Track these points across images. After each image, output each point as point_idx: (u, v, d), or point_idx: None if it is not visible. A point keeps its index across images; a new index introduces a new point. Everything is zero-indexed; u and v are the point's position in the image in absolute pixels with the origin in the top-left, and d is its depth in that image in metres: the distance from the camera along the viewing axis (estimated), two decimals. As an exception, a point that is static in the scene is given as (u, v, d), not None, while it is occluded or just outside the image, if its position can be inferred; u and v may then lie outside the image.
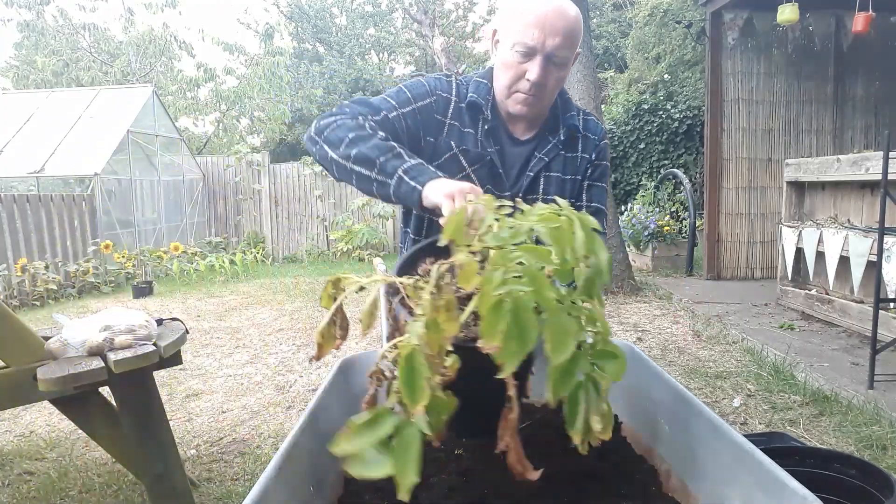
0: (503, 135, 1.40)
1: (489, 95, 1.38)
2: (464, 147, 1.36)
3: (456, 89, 1.39)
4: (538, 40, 1.23)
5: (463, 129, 1.37)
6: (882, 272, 3.04)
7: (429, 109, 1.36)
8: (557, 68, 1.28)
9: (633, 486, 0.89)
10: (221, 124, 14.92)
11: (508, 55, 1.28)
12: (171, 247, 8.02)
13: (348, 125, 1.21)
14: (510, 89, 1.31)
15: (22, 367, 1.73)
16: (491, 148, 1.36)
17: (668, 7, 9.45)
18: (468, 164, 1.36)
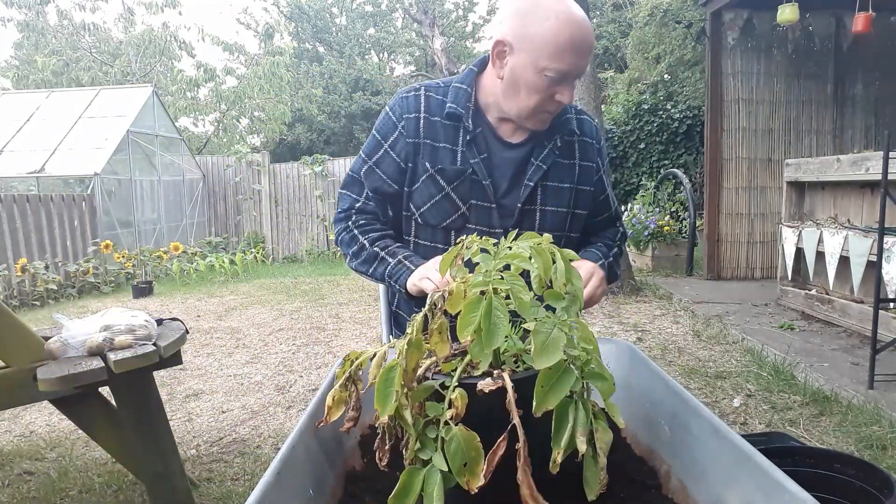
0: (491, 140, 1.33)
1: (469, 102, 1.31)
2: (439, 167, 1.31)
3: (425, 103, 1.33)
4: (572, 64, 1.19)
5: (437, 145, 1.32)
6: (882, 272, 3.04)
7: (399, 140, 1.34)
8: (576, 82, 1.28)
9: (632, 487, 0.89)
10: (221, 124, 14.92)
11: (536, 79, 1.20)
12: (171, 247, 8.02)
13: (345, 240, 1.39)
14: (535, 110, 1.25)
15: (22, 367, 1.73)
16: (475, 158, 1.30)
17: (668, 7, 9.45)
18: (446, 183, 1.31)
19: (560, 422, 0.72)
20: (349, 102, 16.08)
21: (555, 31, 1.16)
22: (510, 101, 1.27)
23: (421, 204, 1.34)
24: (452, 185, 1.31)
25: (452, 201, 1.31)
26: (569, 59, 1.18)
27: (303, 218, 10.10)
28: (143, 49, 14.22)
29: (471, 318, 0.71)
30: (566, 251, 0.83)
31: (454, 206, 1.32)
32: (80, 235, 7.53)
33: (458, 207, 1.32)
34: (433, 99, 1.34)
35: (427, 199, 1.33)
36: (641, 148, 8.61)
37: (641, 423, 1.03)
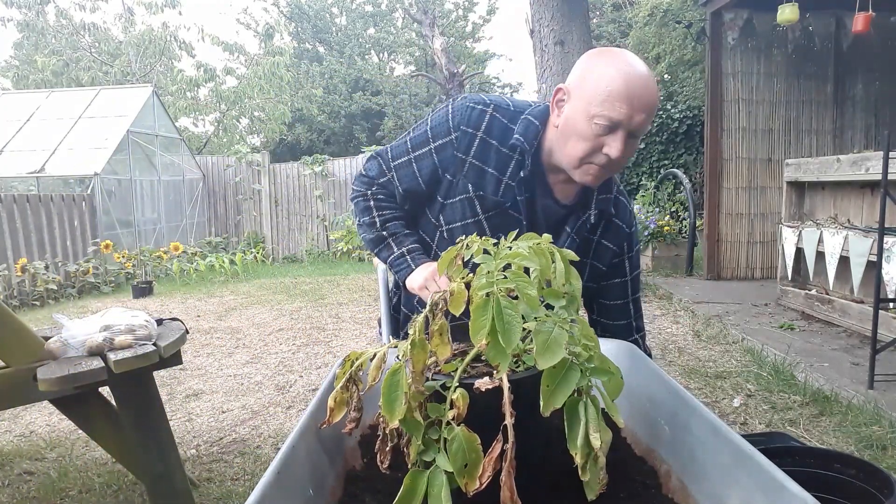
0: (539, 186, 1.30)
1: (536, 139, 1.27)
2: (481, 193, 1.28)
3: (487, 124, 1.28)
4: (625, 115, 1.13)
5: (486, 169, 1.28)
6: (882, 272, 3.04)
7: (447, 147, 1.30)
8: (634, 141, 1.19)
9: (632, 487, 0.89)
10: (221, 124, 14.93)
11: (585, 126, 1.16)
12: (171, 247, 8.02)
13: (361, 207, 1.41)
14: (581, 160, 1.20)
15: (22, 367, 1.73)
16: (521, 196, 1.27)
17: (668, 7, 9.45)
18: (482, 210, 1.29)
19: (572, 421, 0.71)
20: (349, 102, 16.08)
21: (609, 79, 1.14)
22: (561, 150, 1.24)
23: (451, 221, 1.33)
24: (487, 215, 1.30)
25: (483, 229, 1.30)
26: (620, 108, 1.13)
27: (303, 218, 10.10)
28: (143, 49, 14.22)
29: (482, 321, 0.70)
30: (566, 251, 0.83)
31: (483, 232, 1.29)
32: (80, 235, 7.53)
33: (485, 232, 1.30)
34: (497, 121, 1.29)
35: (458, 219, 1.32)
36: (641, 148, 8.61)
37: (641, 423, 1.02)
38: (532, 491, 0.85)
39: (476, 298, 0.73)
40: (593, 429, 0.71)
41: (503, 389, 0.71)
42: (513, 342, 0.70)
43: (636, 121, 1.14)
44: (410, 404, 0.72)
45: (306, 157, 10.15)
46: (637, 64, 1.16)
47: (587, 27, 5.26)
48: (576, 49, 5.11)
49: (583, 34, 5.15)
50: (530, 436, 0.80)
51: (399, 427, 0.73)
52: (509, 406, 0.70)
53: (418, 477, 0.70)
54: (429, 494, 0.69)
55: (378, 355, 0.81)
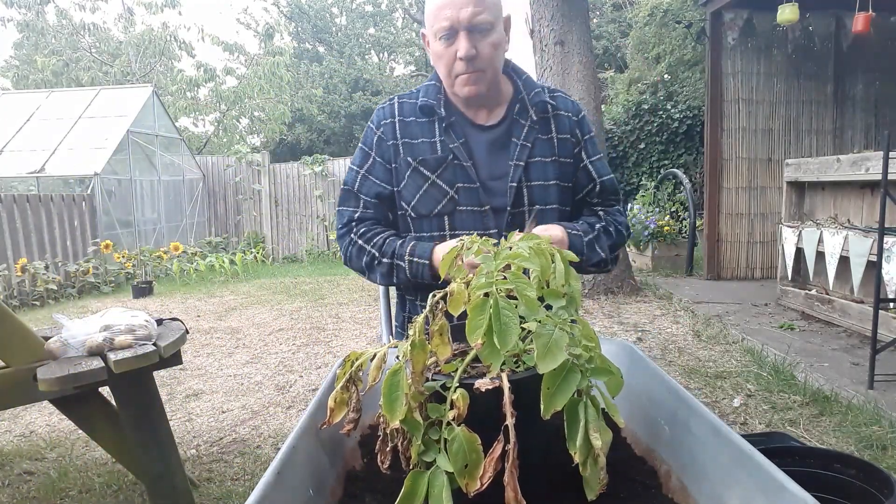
0: (466, 126, 1.39)
1: (440, 94, 1.39)
2: (420, 158, 1.36)
3: (398, 108, 1.42)
4: (451, 17, 1.25)
5: (414, 142, 1.38)
6: (882, 272, 3.04)
7: (381, 144, 1.41)
8: (484, 35, 1.28)
9: (632, 487, 0.89)
10: (221, 124, 14.93)
11: (436, 46, 1.30)
12: (171, 247, 8.02)
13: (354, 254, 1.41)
14: (451, 76, 1.32)
15: (22, 367, 1.73)
16: (454, 143, 1.36)
17: (668, 7, 9.45)
18: (430, 172, 1.36)
19: (572, 422, 0.71)
20: (349, 102, 16.09)
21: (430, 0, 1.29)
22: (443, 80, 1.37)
23: (410, 198, 1.38)
24: (437, 173, 1.36)
25: (439, 188, 1.36)
26: (445, 14, 1.25)
27: (303, 218, 10.10)
28: (143, 49, 14.22)
29: (479, 321, 0.70)
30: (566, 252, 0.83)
31: (442, 192, 1.36)
32: (80, 235, 7.53)
33: (446, 192, 1.35)
34: (406, 103, 1.43)
35: (415, 192, 1.37)
36: (641, 148, 8.61)
37: (641, 423, 1.02)
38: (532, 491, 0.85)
39: (474, 298, 0.73)
40: (593, 429, 0.71)
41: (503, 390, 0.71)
42: (508, 343, 0.70)
43: (465, 17, 1.25)
44: (411, 405, 0.72)
45: (306, 157, 10.15)
46: None
47: (587, 27, 5.26)
48: (576, 49, 5.11)
49: (583, 34, 5.15)
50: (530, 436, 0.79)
51: (399, 427, 0.73)
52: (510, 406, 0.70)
53: (419, 477, 0.70)
54: (430, 495, 0.69)
55: (378, 356, 0.81)
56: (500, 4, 1.31)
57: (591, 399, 0.73)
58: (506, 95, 1.41)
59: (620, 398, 1.10)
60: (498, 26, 1.30)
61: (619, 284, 5.23)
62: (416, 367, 0.74)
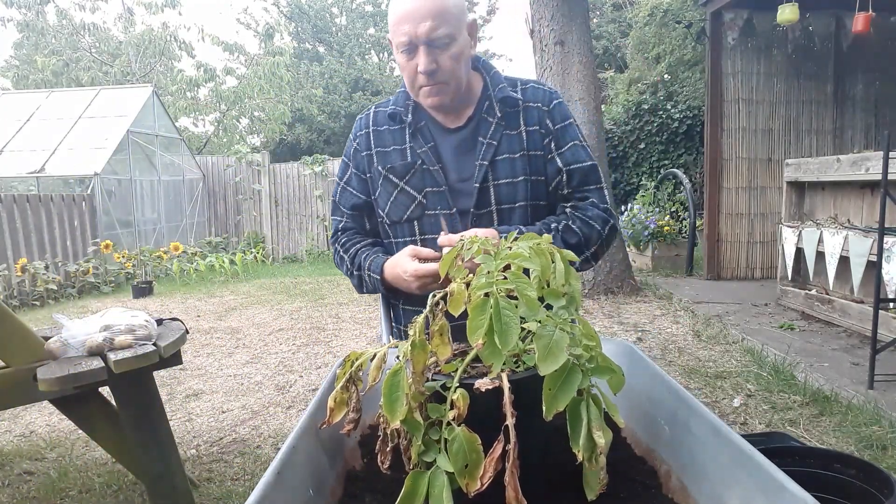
0: (435, 130, 1.40)
1: (409, 100, 1.40)
2: (390, 166, 1.40)
3: (373, 118, 1.46)
4: (410, 32, 1.24)
5: (386, 150, 1.41)
6: (882, 272, 3.04)
7: (356, 156, 1.46)
8: (444, 49, 1.27)
9: (632, 487, 0.89)
10: (221, 124, 14.92)
11: (399, 58, 1.31)
12: (171, 247, 8.02)
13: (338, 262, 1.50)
14: (414, 88, 1.33)
15: (22, 367, 1.73)
16: (422, 148, 1.37)
17: (668, 7, 9.45)
18: (398, 179, 1.39)
19: (574, 422, 0.71)
20: (349, 102, 16.09)
21: (391, 11, 1.28)
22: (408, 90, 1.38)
23: (384, 205, 1.42)
24: (405, 179, 1.39)
25: (408, 193, 1.38)
26: (404, 29, 1.25)
27: (303, 218, 10.10)
28: (142, 49, 14.21)
29: (480, 321, 0.70)
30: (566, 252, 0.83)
31: (410, 197, 1.38)
32: (80, 235, 7.53)
33: (414, 198, 1.38)
34: (380, 112, 1.46)
35: (387, 199, 1.41)
36: (641, 148, 8.61)
37: (641, 423, 1.02)
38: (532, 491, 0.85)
39: (475, 298, 0.72)
40: (596, 427, 0.71)
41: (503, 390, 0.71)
42: (509, 343, 0.69)
43: (422, 32, 1.24)
44: (411, 405, 0.72)
45: (306, 157, 10.15)
46: None
47: (587, 27, 5.25)
48: (576, 49, 5.11)
49: (583, 34, 5.15)
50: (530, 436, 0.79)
51: (400, 427, 0.73)
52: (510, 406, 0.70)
53: (419, 478, 0.70)
54: (430, 495, 0.69)
55: (378, 356, 0.81)
56: (461, 14, 1.28)
57: (592, 398, 0.73)
58: (475, 95, 1.39)
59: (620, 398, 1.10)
60: (459, 37, 1.28)
61: (619, 284, 5.23)
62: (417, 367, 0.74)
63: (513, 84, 1.41)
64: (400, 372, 0.72)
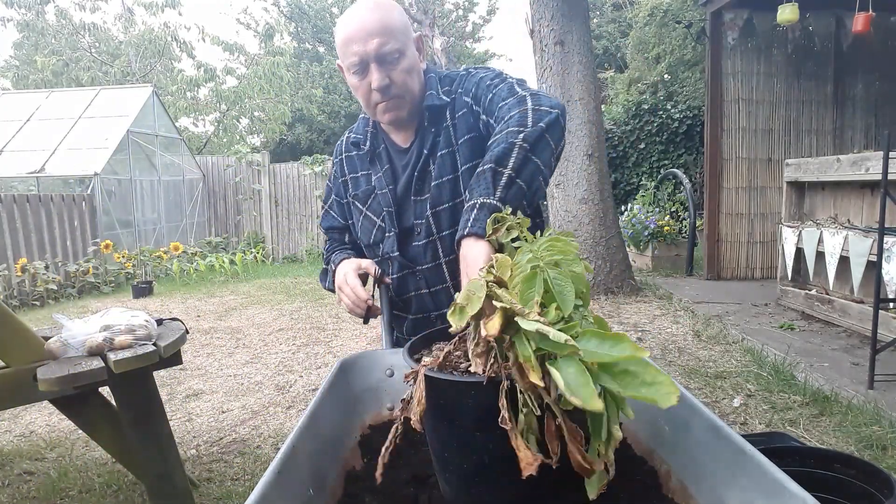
0: (392, 152, 1.41)
1: (367, 126, 1.43)
2: (355, 193, 1.45)
3: (345, 144, 1.50)
4: (359, 51, 1.24)
5: (356, 176, 1.46)
6: (882, 272, 3.04)
7: (335, 181, 1.52)
8: (394, 64, 1.26)
9: (632, 487, 0.89)
10: (221, 124, 14.93)
11: (352, 80, 1.31)
12: (171, 247, 8.02)
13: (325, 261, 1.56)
14: (371, 106, 1.32)
15: (22, 367, 1.73)
16: (378, 173, 1.40)
17: (668, 7, 9.45)
18: (362, 205, 1.44)
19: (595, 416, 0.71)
20: (349, 102, 16.08)
21: (337, 33, 1.28)
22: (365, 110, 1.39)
23: (356, 230, 1.49)
24: (367, 205, 1.44)
25: (369, 218, 1.43)
26: (353, 49, 1.25)
27: (303, 218, 10.10)
28: (142, 49, 14.22)
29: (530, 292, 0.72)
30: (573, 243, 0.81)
31: (371, 222, 1.43)
32: (80, 235, 7.53)
33: (374, 222, 1.42)
34: (350, 137, 1.49)
35: (357, 224, 1.48)
36: (641, 148, 8.61)
37: (641, 423, 1.02)
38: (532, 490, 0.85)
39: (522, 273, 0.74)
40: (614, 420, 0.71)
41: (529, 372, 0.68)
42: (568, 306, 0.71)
43: (371, 49, 1.24)
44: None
45: (306, 157, 10.15)
46: (357, 5, 1.27)
47: (587, 27, 5.25)
48: (576, 49, 5.10)
49: (583, 34, 5.15)
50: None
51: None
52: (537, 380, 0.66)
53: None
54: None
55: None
56: (407, 29, 1.28)
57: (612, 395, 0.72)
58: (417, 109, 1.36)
59: (620, 398, 1.10)
60: (408, 51, 1.28)
61: (619, 284, 5.23)
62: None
63: (451, 82, 1.36)
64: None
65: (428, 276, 1.37)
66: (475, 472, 0.80)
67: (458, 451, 0.80)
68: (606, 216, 5.23)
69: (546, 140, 1.05)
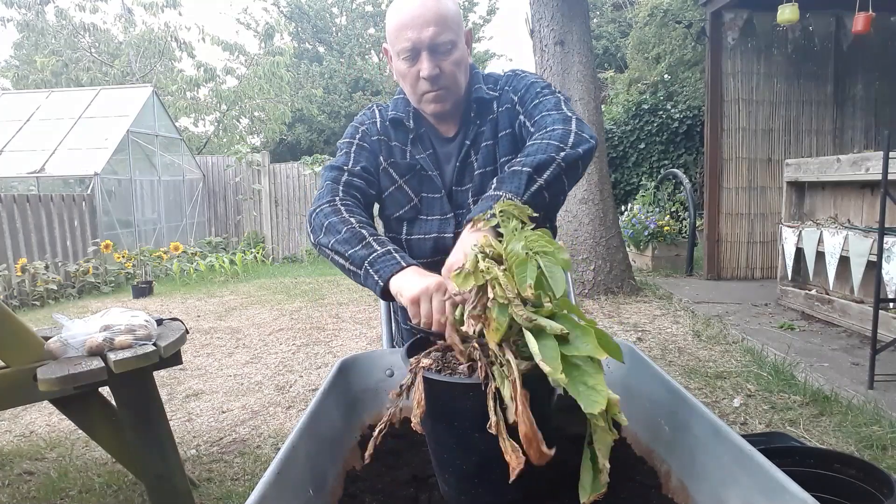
0: (434, 138, 1.42)
1: (409, 107, 1.41)
2: (392, 160, 1.40)
3: (379, 113, 1.47)
4: (413, 38, 1.24)
5: (391, 143, 1.42)
6: (882, 272, 3.04)
7: (365, 136, 1.43)
8: (446, 55, 1.28)
9: (632, 487, 0.89)
10: (221, 124, 14.92)
11: (400, 65, 1.31)
12: (171, 247, 8.02)
13: (325, 211, 1.24)
14: (417, 95, 1.33)
15: (22, 367, 1.73)
16: (421, 154, 1.39)
17: (668, 7, 9.44)
18: (398, 176, 1.40)
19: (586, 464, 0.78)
20: (349, 102, 16.08)
21: (391, 17, 1.28)
22: (408, 96, 1.38)
23: (378, 195, 1.42)
24: (405, 178, 1.40)
25: (405, 193, 1.40)
26: (407, 35, 1.24)
27: (303, 218, 10.09)
28: (142, 49, 14.21)
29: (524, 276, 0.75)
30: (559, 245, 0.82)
31: (407, 197, 1.39)
32: (80, 235, 7.53)
33: (411, 199, 1.39)
34: (383, 110, 1.47)
35: (384, 191, 1.41)
36: (641, 148, 8.61)
37: (641, 423, 1.02)
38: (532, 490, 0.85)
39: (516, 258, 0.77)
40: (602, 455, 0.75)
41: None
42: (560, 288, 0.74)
43: (426, 37, 1.24)
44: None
45: (306, 157, 10.15)
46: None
47: (587, 27, 5.25)
48: (576, 49, 5.10)
49: (583, 34, 5.15)
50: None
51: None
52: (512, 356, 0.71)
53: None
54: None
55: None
56: (460, 21, 1.31)
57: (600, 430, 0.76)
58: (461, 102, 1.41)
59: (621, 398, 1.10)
60: (460, 43, 1.30)
61: (619, 284, 5.23)
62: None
63: (494, 81, 1.43)
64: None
65: None
66: (474, 473, 0.80)
67: (456, 451, 0.81)
68: (606, 216, 5.23)
69: (578, 166, 1.16)
